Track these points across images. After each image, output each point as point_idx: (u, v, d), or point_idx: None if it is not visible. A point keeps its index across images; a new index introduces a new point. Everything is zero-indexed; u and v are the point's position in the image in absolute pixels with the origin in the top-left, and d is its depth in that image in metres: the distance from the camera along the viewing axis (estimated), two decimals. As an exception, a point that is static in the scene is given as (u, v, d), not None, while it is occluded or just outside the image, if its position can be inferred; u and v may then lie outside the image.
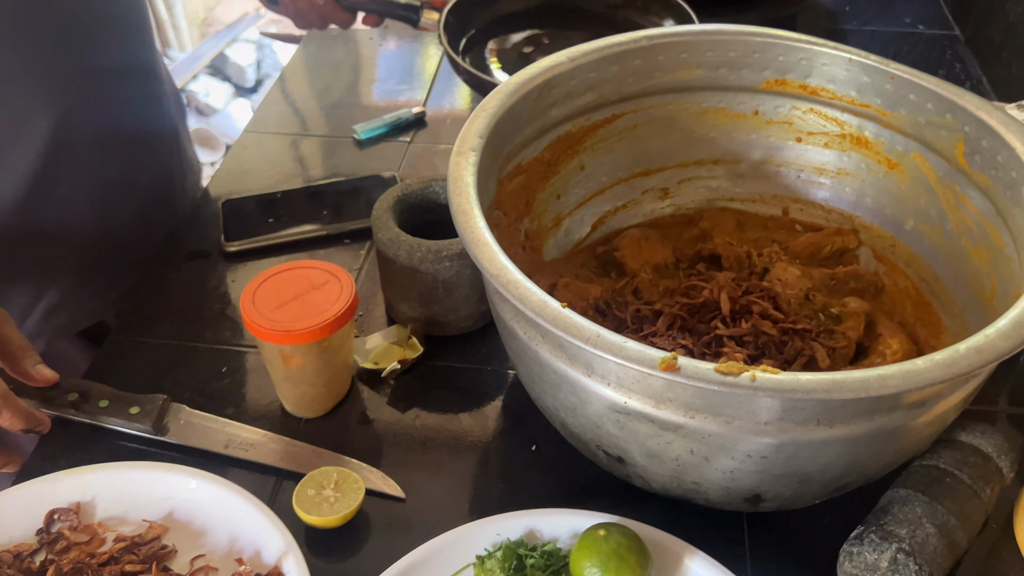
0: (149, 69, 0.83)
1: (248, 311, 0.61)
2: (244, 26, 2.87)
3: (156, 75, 0.85)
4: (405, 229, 0.72)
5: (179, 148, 0.91)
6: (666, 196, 0.78)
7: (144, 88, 0.83)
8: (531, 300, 0.49)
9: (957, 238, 0.64)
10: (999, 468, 0.56)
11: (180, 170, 0.91)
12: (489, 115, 0.63)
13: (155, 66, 0.85)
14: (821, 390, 0.43)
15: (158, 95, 0.86)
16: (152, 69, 0.84)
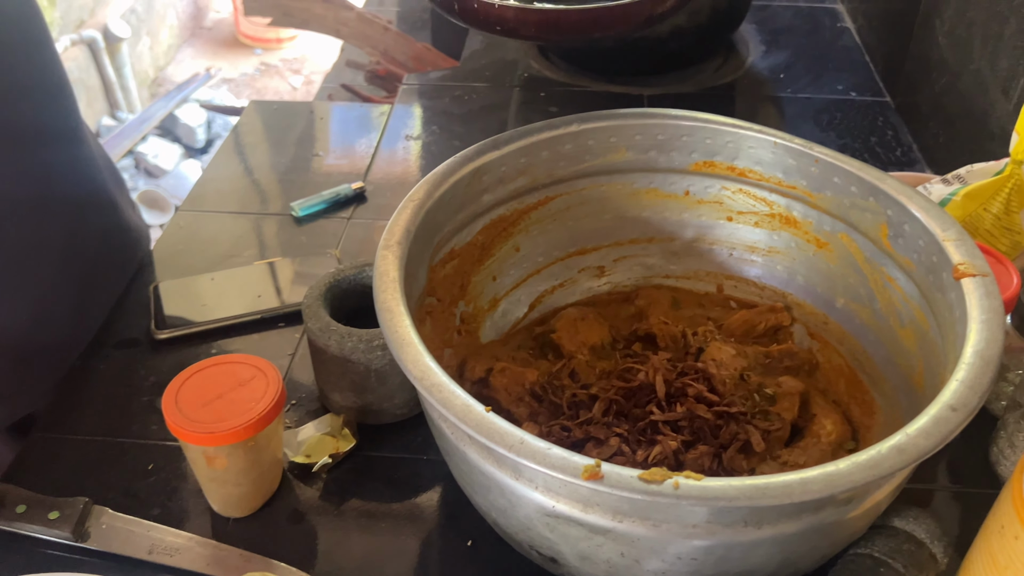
0: (72, 134, 0.81)
1: (170, 412, 0.59)
2: (195, 86, 2.87)
3: (80, 139, 0.82)
4: (339, 315, 0.71)
5: (116, 214, 0.87)
6: (602, 274, 0.79)
7: (69, 153, 0.80)
8: (455, 404, 0.48)
9: (886, 318, 0.64)
10: (933, 554, 0.56)
11: (119, 238, 0.88)
12: (417, 206, 0.62)
13: (78, 131, 0.82)
14: (744, 497, 0.43)
15: (85, 159, 0.82)
16: (75, 134, 0.81)
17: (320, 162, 1.06)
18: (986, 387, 0.49)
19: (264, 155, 1.07)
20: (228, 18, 3.44)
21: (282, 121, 1.14)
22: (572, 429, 0.63)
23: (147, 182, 2.58)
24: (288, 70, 3.21)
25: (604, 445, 0.62)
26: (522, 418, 0.66)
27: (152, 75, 3.06)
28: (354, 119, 1.16)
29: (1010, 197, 0.74)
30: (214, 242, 0.92)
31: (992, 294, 0.54)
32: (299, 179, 1.02)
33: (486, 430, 0.47)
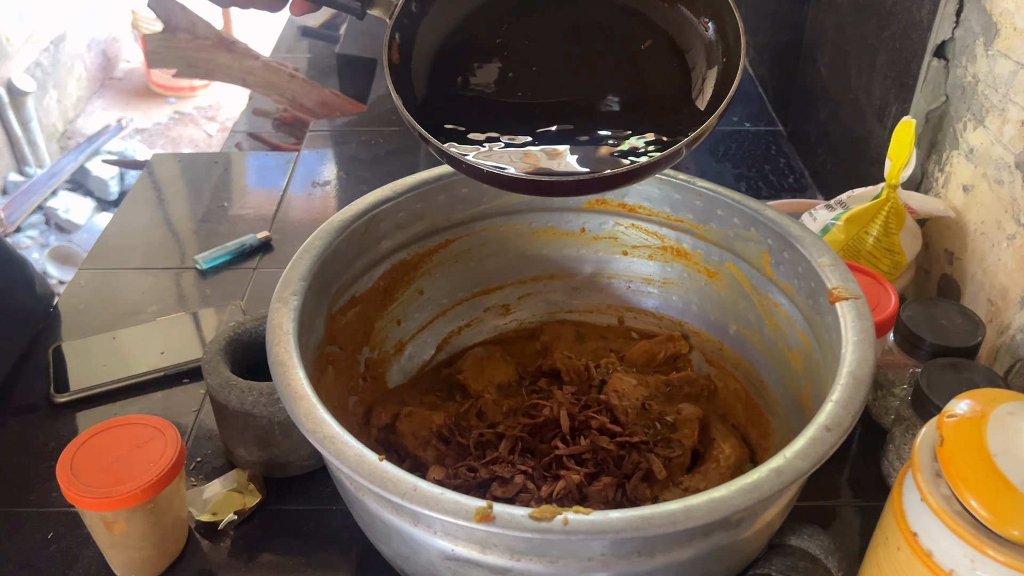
0: None
1: (65, 478, 0.58)
2: (106, 138, 2.82)
3: None
4: (242, 368, 0.71)
5: (17, 271, 0.85)
6: (508, 312, 0.80)
7: None
8: (348, 456, 0.49)
9: (775, 342, 0.67)
10: (828, 569, 0.58)
11: (20, 295, 0.85)
12: (312, 257, 0.63)
13: None
14: (630, 528, 0.44)
15: None
16: None
17: (226, 212, 1.05)
18: (859, 406, 0.51)
19: (170, 208, 1.06)
20: (139, 68, 3.39)
21: (188, 172, 1.13)
22: (478, 469, 0.64)
23: (59, 238, 2.51)
24: (203, 118, 3.18)
25: (509, 483, 0.62)
26: (429, 462, 0.66)
27: (61, 128, 3.00)
28: (261, 168, 1.15)
29: (888, 219, 0.78)
30: (117, 299, 0.90)
31: (864, 316, 0.56)
32: (204, 231, 1.01)
33: (379, 479, 0.47)
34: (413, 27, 0.62)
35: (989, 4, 0.74)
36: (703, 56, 0.59)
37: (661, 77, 0.60)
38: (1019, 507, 0.45)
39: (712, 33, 0.59)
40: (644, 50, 0.61)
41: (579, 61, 0.61)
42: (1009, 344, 0.72)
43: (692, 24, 0.60)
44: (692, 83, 0.59)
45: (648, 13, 0.61)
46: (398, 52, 0.60)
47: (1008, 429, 0.47)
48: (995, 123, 0.74)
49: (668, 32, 0.61)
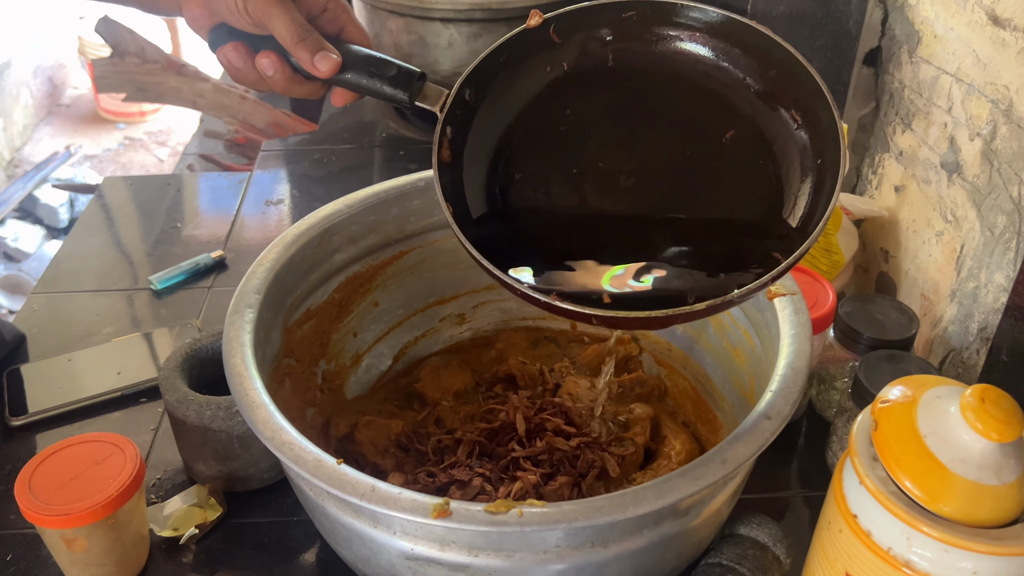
0: None
1: (23, 497, 0.58)
2: (54, 165, 2.78)
3: None
4: (200, 384, 0.71)
5: None
6: (463, 321, 0.81)
7: None
8: (307, 460, 0.50)
9: (719, 340, 0.69)
10: (776, 556, 0.60)
11: None
12: (267, 269, 0.64)
13: None
14: (582, 517, 0.46)
15: None
16: None
17: (180, 233, 1.05)
18: (797, 395, 0.53)
19: (122, 230, 1.06)
20: (87, 94, 3.36)
21: (140, 195, 1.13)
22: (437, 474, 0.65)
23: (7, 267, 2.47)
24: (154, 143, 3.16)
25: (468, 486, 0.64)
26: (388, 469, 0.67)
27: (8, 156, 2.96)
28: (214, 188, 1.16)
29: (825, 221, 0.81)
30: (71, 322, 0.90)
31: (800, 310, 0.59)
32: (158, 252, 1.01)
33: (338, 482, 0.48)
34: (467, 119, 0.56)
35: (912, 13, 0.78)
36: (796, 158, 0.52)
37: (747, 182, 0.53)
38: (949, 485, 0.47)
39: (803, 132, 0.52)
40: (727, 145, 0.54)
41: (653, 161, 0.55)
42: (942, 336, 0.76)
43: (782, 120, 0.53)
44: (784, 192, 0.52)
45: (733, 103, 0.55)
46: (449, 149, 0.55)
47: (937, 412, 0.50)
48: (921, 126, 0.78)
49: (755, 123, 0.54)
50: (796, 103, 0.52)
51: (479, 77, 0.56)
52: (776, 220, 0.52)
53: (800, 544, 0.62)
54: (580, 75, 0.58)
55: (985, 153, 0.69)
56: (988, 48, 0.67)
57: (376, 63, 0.57)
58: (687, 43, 0.56)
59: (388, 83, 0.56)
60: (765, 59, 0.53)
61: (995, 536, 0.47)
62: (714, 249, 0.53)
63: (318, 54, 0.56)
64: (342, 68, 0.57)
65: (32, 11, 3.17)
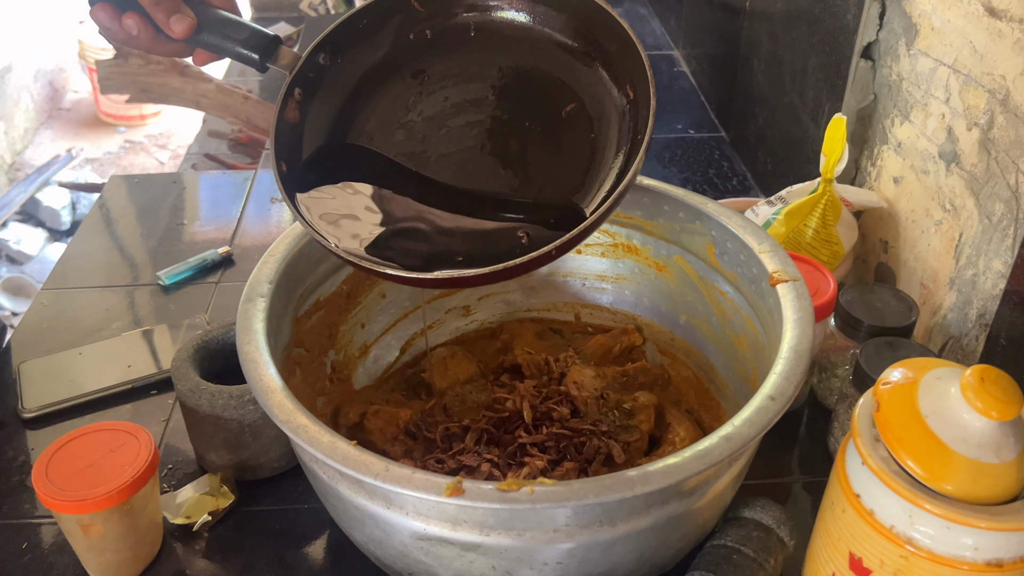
0: None
1: (41, 483, 0.59)
2: (55, 168, 2.79)
3: None
4: (210, 375, 0.72)
5: None
6: (468, 313, 0.82)
7: None
8: (321, 442, 0.51)
9: (722, 328, 0.70)
10: (780, 538, 0.61)
11: None
12: (278, 260, 0.65)
13: None
14: (592, 494, 0.47)
15: None
16: None
17: (186, 231, 1.06)
18: (800, 376, 0.54)
19: (129, 228, 1.07)
20: (87, 98, 3.37)
21: (145, 193, 1.14)
22: (445, 461, 0.66)
23: (10, 269, 2.48)
24: (154, 146, 3.17)
25: (476, 472, 0.65)
26: (397, 456, 0.68)
27: (9, 160, 2.96)
28: (218, 186, 1.17)
29: (825, 212, 0.83)
30: (80, 317, 0.91)
31: (803, 296, 0.60)
32: (165, 249, 1.02)
33: (353, 462, 0.49)
34: (318, 82, 0.59)
35: (909, 6, 0.79)
36: (615, 128, 0.56)
37: (571, 151, 0.57)
38: (950, 463, 0.48)
39: (626, 103, 0.56)
40: (564, 118, 0.58)
41: (493, 126, 0.58)
42: (941, 323, 0.77)
43: (611, 93, 0.57)
44: (596, 162, 0.56)
45: (571, 76, 0.58)
46: (297, 109, 0.58)
47: (937, 392, 0.51)
48: (919, 117, 0.79)
49: (583, 99, 0.58)
50: (630, 79, 0.56)
51: (335, 40, 0.59)
52: (575, 194, 0.56)
53: (802, 528, 0.64)
54: (439, 44, 0.60)
55: (983, 142, 0.70)
56: (985, 39, 0.69)
57: (231, 25, 0.60)
58: (522, 14, 0.59)
59: (241, 44, 0.59)
60: (608, 35, 0.56)
61: (995, 512, 0.48)
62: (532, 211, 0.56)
63: (174, 16, 0.59)
64: (198, 29, 0.59)
65: (33, 15, 3.18)
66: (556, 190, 0.57)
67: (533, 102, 0.59)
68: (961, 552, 0.48)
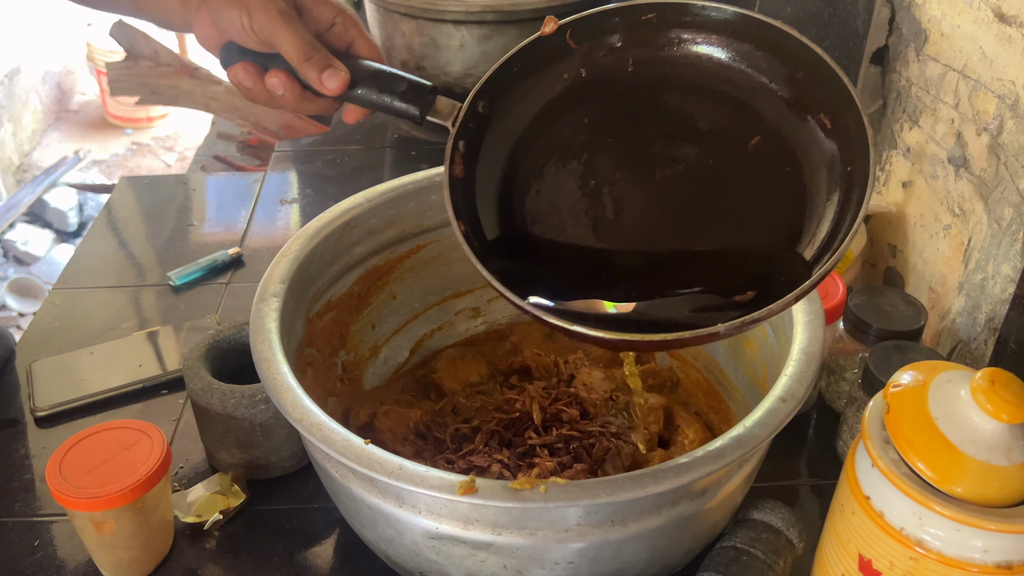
0: None
1: (54, 480, 0.59)
2: (63, 170, 2.80)
3: None
4: (221, 374, 0.73)
5: None
6: (478, 315, 0.83)
7: None
8: (335, 440, 0.51)
9: (732, 331, 0.71)
10: (789, 540, 0.62)
11: None
12: (291, 260, 0.65)
13: None
14: (604, 493, 0.47)
15: None
16: None
17: (196, 232, 1.07)
18: (811, 379, 0.55)
19: (139, 229, 1.07)
20: (95, 100, 3.38)
21: (155, 195, 1.15)
22: (455, 461, 0.67)
23: (17, 270, 2.49)
24: (161, 148, 3.18)
25: (486, 472, 0.65)
26: (407, 456, 0.68)
27: (17, 161, 2.98)
28: (228, 188, 1.17)
29: (834, 216, 0.83)
30: (91, 317, 0.92)
31: (812, 299, 0.60)
32: (176, 250, 1.03)
33: (366, 461, 0.50)
34: (481, 132, 0.54)
35: (919, 12, 0.79)
36: (823, 167, 0.49)
37: (771, 197, 0.51)
38: (960, 465, 0.48)
39: (832, 139, 0.49)
40: (751, 154, 0.51)
41: (672, 178, 0.53)
42: (950, 328, 0.77)
43: (809, 126, 0.50)
44: (808, 206, 0.49)
45: (757, 109, 0.52)
46: (462, 164, 0.53)
47: (947, 395, 0.51)
48: (928, 122, 0.79)
49: (781, 129, 0.51)
50: (824, 107, 0.50)
51: (493, 88, 0.55)
52: (794, 244, 0.50)
53: (810, 530, 0.64)
54: (598, 82, 0.56)
55: (992, 147, 0.70)
56: (994, 45, 0.69)
57: (386, 78, 0.56)
58: (705, 46, 0.54)
59: (399, 98, 0.55)
60: (790, 61, 0.51)
61: (1005, 515, 0.48)
62: (728, 278, 0.51)
63: (326, 72, 0.55)
64: (351, 84, 0.56)
65: (41, 18, 3.20)
66: (773, 237, 0.51)
67: (717, 141, 0.53)
68: (971, 554, 0.49)
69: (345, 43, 0.59)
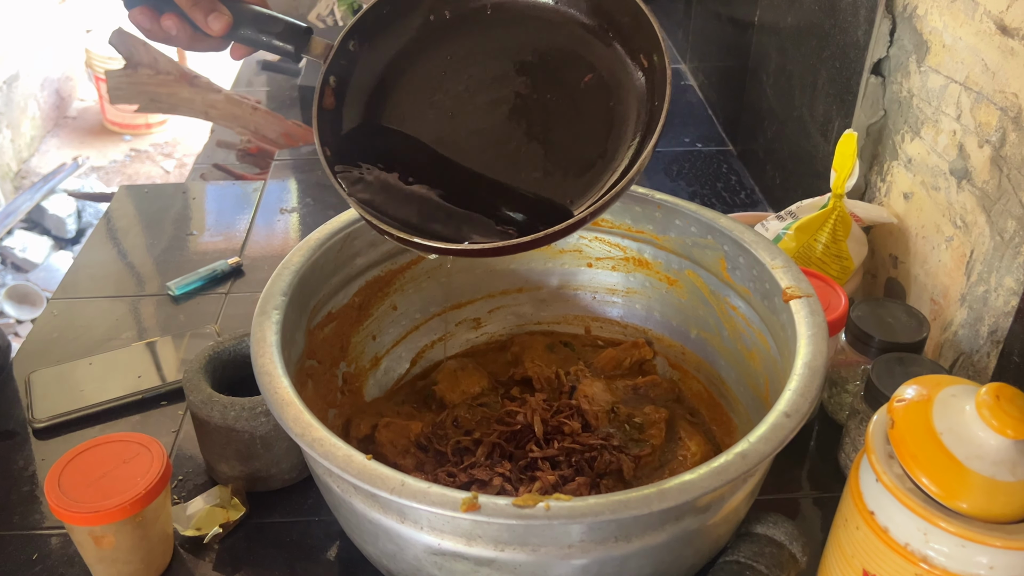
0: None
1: (53, 495, 0.59)
2: (61, 177, 2.80)
3: None
4: (221, 386, 0.72)
5: None
6: (479, 326, 0.82)
7: None
8: (337, 456, 0.51)
9: (733, 343, 0.71)
10: (792, 554, 0.61)
11: None
12: (292, 272, 0.65)
13: None
14: (608, 511, 0.47)
15: None
16: None
17: (195, 241, 1.07)
18: (815, 393, 0.54)
19: (138, 238, 1.07)
20: (94, 106, 3.38)
21: (154, 203, 1.14)
22: (457, 474, 0.66)
23: (15, 277, 2.48)
24: (160, 154, 3.18)
25: (488, 486, 0.65)
26: (408, 469, 0.68)
27: (15, 168, 2.97)
28: (228, 197, 1.17)
29: (835, 227, 0.83)
30: (90, 327, 0.91)
31: (816, 312, 0.60)
32: (175, 259, 1.03)
33: (368, 476, 0.49)
34: (350, 68, 0.62)
35: (920, 24, 0.79)
36: (634, 100, 0.58)
37: (593, 121, 0.59)
38: (965, 481, 0.48)
39: (642, 76, 0.58)
40: (583, 89, 0.60)
41: (517, 101, 0.61)
42: (952, 340, 0.77)
43: (626, 64, 0.59)
44: (615, 133, 0.58)
45: (588, 49, 0.60)
46: (333, 96, 0.61)
47: (952, 410, 0.51)
48: (930, 134, 0.79)
49: (600, 70, 0.60)
50: (644, 49, 0.58)
51: (363, 27, 0.61)
52: (599, 170, 0.57)
53: (813, 543, 0.63)
54: (459, 23, 0.62)
55: (994, 159, 0.70)
56: (997, 57, 0.69)
57: (265, 19, 0.62)
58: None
59: (277, 37, 0.62)
60: (620, 9, 0.59)
61: (1011, 531, 0.48)
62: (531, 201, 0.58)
63: (211, 15, 0.61)
64: (234, 26, 0.62)
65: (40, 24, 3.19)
66: (573, 166, 0.59)
67: (553, 76, 0.61)
68: (976, 571, 0.48)
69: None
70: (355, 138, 0.61)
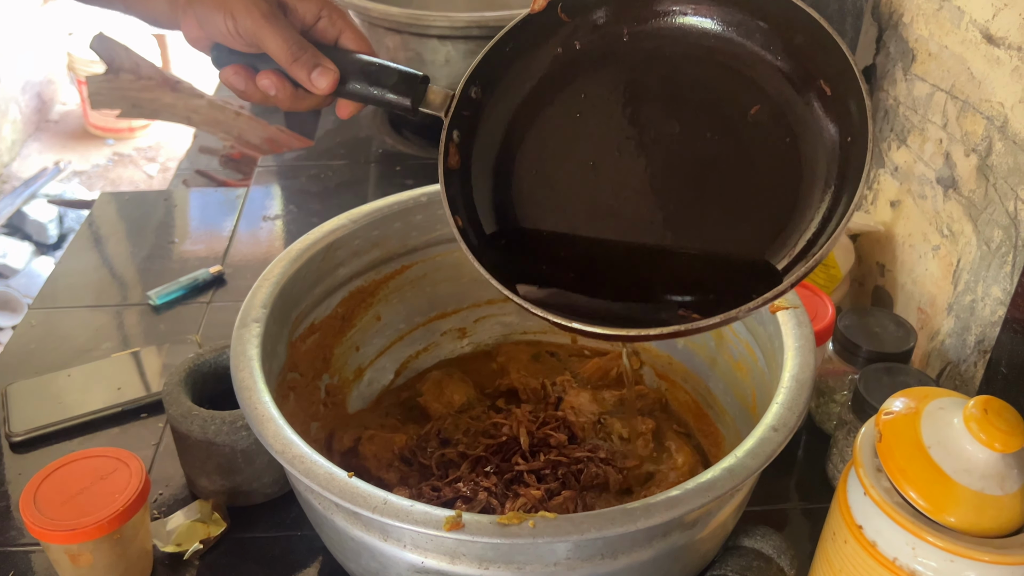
0: None
1: (29, 512, 0.58)
2: (43, 181, 2.77)
3: None
4: (202, 399, 0.71)
5: None
6: (464, 335, 0.82)
7: None
8: (318, 473, 0.50)
9: (721, 354, 0.70)
10: (780, 568, 0.61)
11: None
12: (272, 284, 0.64)
13: None
14: (594, 528, 0.46)
15: None
16: None
17: (177, 249, 1.05)
18: (802, 407, 0.54)
19: (119, 246, 1.06)
20: (76, 110, 3.35)
21: (136, 210, 1.13)
22: (442, 488, 0.65)
23: (-5, 283, 2.46)
24: (143, 159, 3.15)
25: (473, 501, 0.64)
26: (392, 483, 0.67)
27: (-4, 172, 2.95)
28: (210, 204, 1.16)
29: (822, 235, 0.82)
30: (70, 337, 0.90)
31: (803, 323, 0.60)
32: (156, 267, 1.01)
33: (350, 495, 0.49)
34: (475, 120, 0.53)
35: (906, 32, 0.79)
36: (821, 143, 0.48)
37: (771, 170, 0.49)
38: (953, 495, 0.48)
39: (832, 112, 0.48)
40: (750, 124, 0.50)
41: (671, 157, 0.51)
42: (939, 349, 0.77)
43: (808, 97, 0.48)
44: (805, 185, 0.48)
45: (753, 78, 0.50)
46: (458, 153, 0.52)
47: (940, 423, 0.50)
48: (916, 142, 0.79)
49: (780, 100, 0.49)
50: (824, 74, 0.48)
51: (485, 72, 0.54)
52: (791, 227, 0.49)
53: (801, 555, 0.63)
54: (593, 55, 0.54)
55: (981, 169, 0.70)
56: (983, 66, 0.69)
57: (377, 71, 0.55)
58: (697, 17, 0.52)
59: (390, 90, 0.54)
60: (786, 26, 0.49)
61: (999, 545, 0.47)
62: (718, 269, 0.51)
63: (315, 71, 0.55)
64: (342, 80, 0.55)
65: (21, 27, 3.16)
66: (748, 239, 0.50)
67: (710, 109, 0.51)
68: (966, 586, 0.48)
69: (333, 37, 0.58)
70: (498, 241, 0.53)
